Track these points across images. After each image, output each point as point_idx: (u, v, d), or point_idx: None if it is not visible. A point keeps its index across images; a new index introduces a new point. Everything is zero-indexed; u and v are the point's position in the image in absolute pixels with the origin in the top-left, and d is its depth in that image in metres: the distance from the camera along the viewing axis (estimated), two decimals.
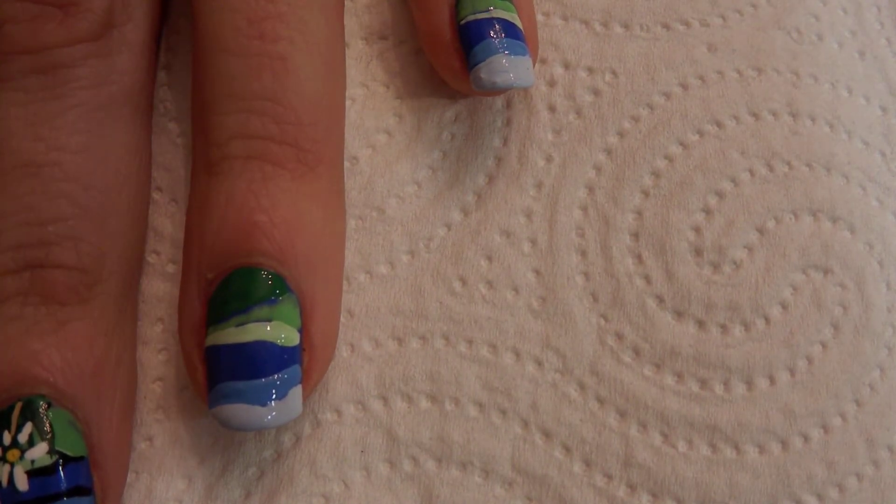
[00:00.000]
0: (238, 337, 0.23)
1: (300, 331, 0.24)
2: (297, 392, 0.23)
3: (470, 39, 0.25)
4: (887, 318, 0.27)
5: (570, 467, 0.25)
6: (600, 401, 0.26)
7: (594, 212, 0.27)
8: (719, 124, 0.28)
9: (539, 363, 0.26)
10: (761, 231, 0.27)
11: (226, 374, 0.23)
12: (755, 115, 0.28)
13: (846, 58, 0.29)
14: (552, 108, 0.28)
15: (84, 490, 0.23)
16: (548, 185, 0.28)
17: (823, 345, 0.26)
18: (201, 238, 0.24)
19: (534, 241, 0.27)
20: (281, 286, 0.23)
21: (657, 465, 0.25)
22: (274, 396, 0.23)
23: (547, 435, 0.26)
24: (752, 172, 0.27)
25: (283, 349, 0.23)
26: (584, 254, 0.27)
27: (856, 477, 0.25)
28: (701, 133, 0.28)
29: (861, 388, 0.26)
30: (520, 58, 0.25)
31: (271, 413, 0.23)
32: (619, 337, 0.26)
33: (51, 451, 0.23)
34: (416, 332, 0.26)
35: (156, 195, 0.27)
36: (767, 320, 0.26)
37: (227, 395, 0.23)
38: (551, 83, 0.28)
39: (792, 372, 0.26)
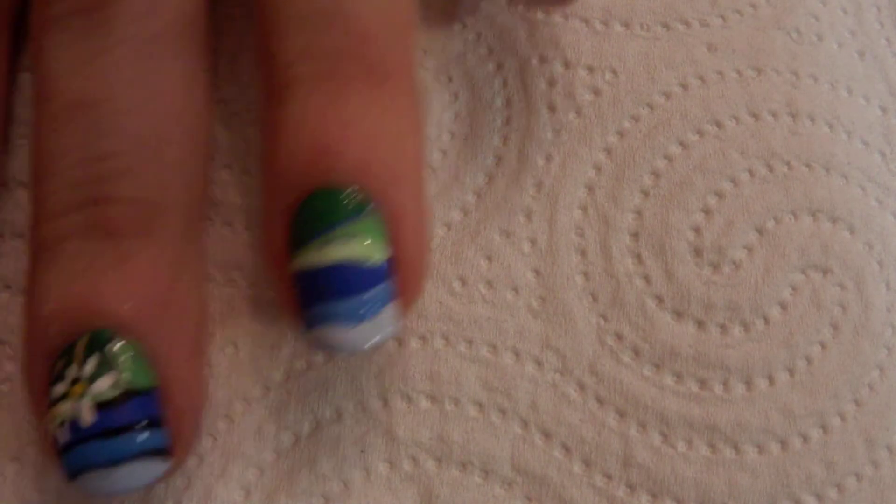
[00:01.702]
0: (323, 257, 0.22)
1: (388, 246, 0.23)
2: (390, 309, 0.23)
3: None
4: (887, 318, 0.27)
5: (569, 467, 0.26)
6: (600, 401, 0.26)
7: (594, 211, 0.27)
8: (719, 124, 0.28)
9: (539, 363, 0.26)
10: (761, 231, 0.27)
11: (315, 297, 0.22)
12: (755, 116, 0.28)
13: (846, 58, 0.29)
14: (552, 108, 0.28)
15: (154, 422, 0.22)
16: (547, 185, 0.28)
17: (823, 345, 0.26)
18: (276, 164, 0.24)
19: (533, 241, 0.27)
20: (363, 202, 0.23)
21: (656, 465, 0.25)
22: (367, 315, 0.22)
23: (546, 435, 0.26)
24: (751, 172, 0.27)
25: (372, 267, 0.23)
26: (583, 254, 0.27)
27: (855, 477, 0.26)
28: (701, 133, 0.28)
29: (860, 389, 0.26)
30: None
31: (366, 332, 0.22)
32: (619, 337, 0.26)
33: (118, 383, 0.22)
34: (415, 331, 0.26)
35: None
36: (767, 320, 0.26)
37: (320, 318, 0.22)
38: (551, 82, 0.28)
39: (791, 372, 0.26)
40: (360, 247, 0.22)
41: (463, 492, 0.25)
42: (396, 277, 0.23)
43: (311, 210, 0.23)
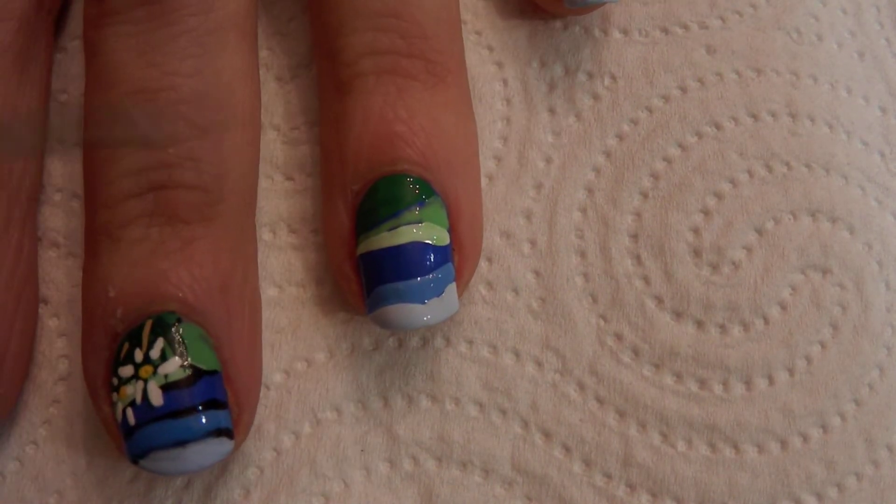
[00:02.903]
0: (392, 240, 0.24)
1: (449, 231, 0.24)
2: (452, 289, 0.24)
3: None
4: (886, 317, 0.27)
5: (569, 467, 0.25)
6: (600, 401, 0.26)
7: (593, 213, 0.27)
8: (718, 126, 0.28)
9: (539, 363, 0.26)
10: (760, 232, 0.27)
11: (384, 277, 0.24)
12: (754, 117, 0.28)
13: (845, 58, 0.29)
14: (552, 111, 0.28)
15: (220, 403, 0.23)
16: (547, 187, 0.28)
17: (822, 345, 0.26)
18: (342, 153, 0.25)
19: (533, 243, 0.27)
20: (427, 190, 0.24)
21: (656, 465, 0.25)
22: (432, 294, 0.24)
23: (547, 435, 0.26)
24: (750, 173, 0.27)
25: (436, 248, 0.24)
26: (583, 255, 0.27)
27: (855, 476, 0.25)
28: (699, 135, 0.28)
29: (860, 388, 0.26)
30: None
31: (431, 310, 0.24)
32: (619, 337, 0.26)
33: (184, 365, 0.23)
34: (416, 331, 0.26)
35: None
36: (766, 320, 0.26)
37: (387, 297, 0.24)
38: (551, 86, 0.29)
39: (791, 372, 0.26)
40: (427, 231, 0.24)
41: (463, 491, 0.25)
42: (455, 259, 0.25)
43: (381, 195, 0.24)
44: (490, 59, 0.29)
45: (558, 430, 0.26)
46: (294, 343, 0.26)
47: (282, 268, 0.27)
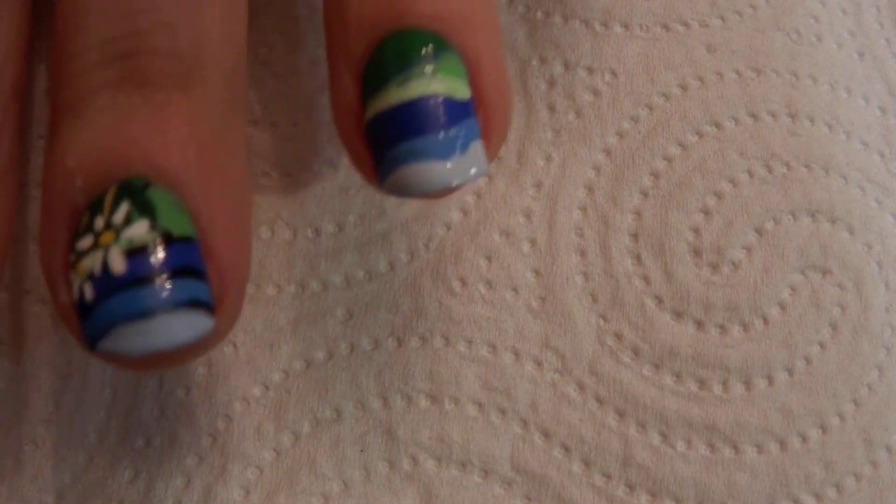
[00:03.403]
0: (403, 94, 0.21)
1: (469, 87, 0.22)
2: (478, 146, 0.21)
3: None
4: (886, 318, 0.27)
5: (569, 467, 0.26)
6: (599, 401, 0.26)
7: (593, 212, 0.27)
8: (718, 125, 0.28)
9: (538, 363, 0.26)
10: (760, 232, 0.27)
11: (398, 136, 0.21)
12: (754, 116, 0.28)
13: (845, 58, 0.29)
14: (552, 108, 0.28)
15: (195, 272, 0.20)
16: (547, 185, 0.28)
17: (822, 345, 0.26)
18: (344, 14, 0.22)
19: (533, 241, 0.27)
20: (440, 43, 0.21)
21: (656, 465, 0.25)
22: (455, 151, 0.21)
23: (546, 435, 0.26)
24: (750, 173, 0.27)
25: (455, 101, 0.21)
26: (583, 254, 0.27)
27: (854, 477, 0.26)
28: (700, 134, 0.28)
29: (859, 389, 0.26)
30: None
31: (455, 168, 0.21)
32: (619, 337, 0.26)
33: (153, 228, 0.19)
34: (415, 331, 0.26)
35: None
36: (766, 321, 0.26)
37: (403, 158, 0.21)
38: (551, 82, 0.29)
39: (790, 372, 0.26)
40: (442, 82, 0.21)
41: (463, 491, 0.25)
42: (480, 117, 0.22)
43: (388, 53, 0.21)
44: None
45: (558, 429, 0.26)
46: (293, 343, 0.26)
47: (280, 266, 0.27)
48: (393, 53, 0.21)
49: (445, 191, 0.21)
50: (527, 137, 0.28)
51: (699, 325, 0.26)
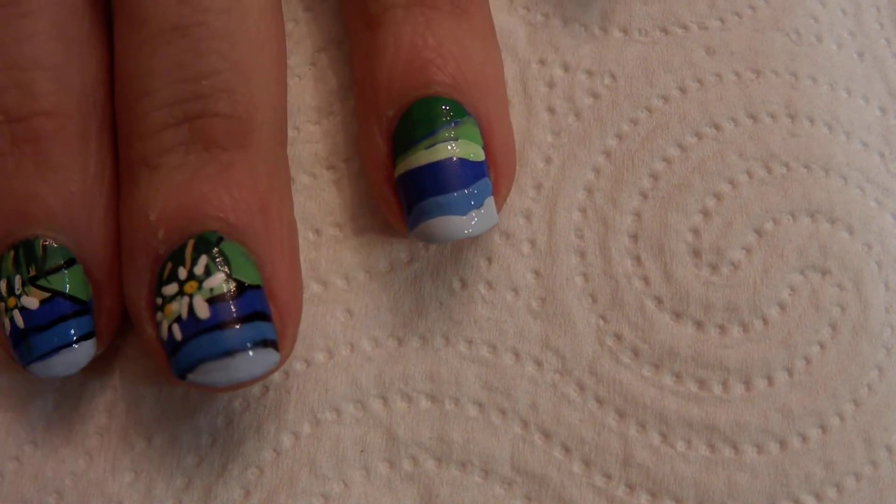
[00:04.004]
0: (430, 157, 0.25)
1: (483, 149, 0.25)
2: (491, 202, 0.25)
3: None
4: (885, 318, 0.27)
5: (569, 467, 0.26)
6: (599, 401, 0.26)
7: (593, 213, 0.27)
8: (717, 127, 0.28)
9: (538, 363, 0.26)
10: (759, 232, 0.27)
11: (425, 193, 0.25)
12: (753, 118, 0.28)
13: (845, 59, 0.29)
14: (551, 110, 0.28)
15: (264, 315, 0.24)
16: (547, 187, 0.28)
17: (821, 345, 0.26)
18: (375, 81, 0.26)
19: (533, 242, 0.27)
20: (459, 110, 0.25)
21: (656, 465, 0.25)
22: (473, 206, 0.24)
23: (546, 435, 0.26)
24: (750, 174, 0.27)
25: (473, 163, 0.25)
26: (583, 255, 0.27)
27: (854, 477, 0.26)
28: (699, 135, 0.28)
29: (859, 389, 0.26)
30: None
31: (473, 221, 0.24)
32: (618, 337, 0.26)
33: (228, 279, 0.23)
34: (416, 331, 0.26)
35: None
36: (765, 321, 0.26)
37: (429, 212, 0.24)
38: (551, 85, 0.29)
39: (790, 372, 0.26)
40: (463, 147, 0.25)
41: (463, 492, 0.25)
42: (492, 175, 0.26)
43: (416, 118, 0.25)
44: None
45: (558, 430, 0.26)
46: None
47: None
48: (421, 118, 0.25)
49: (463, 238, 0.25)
50: (527, 139, 0.28)
51: (699, 325, 0.26)
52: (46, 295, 0.24)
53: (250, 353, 0.23)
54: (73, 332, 0.24)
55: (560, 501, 0.25)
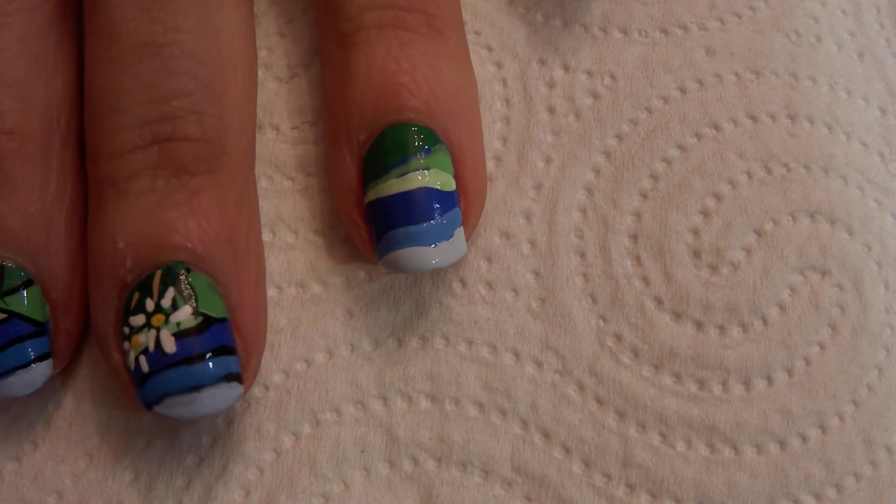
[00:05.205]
0: (402, 186, 0.24)
1: (454, 178, 0.25)
2: (460, 232, 0.25)
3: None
4: (885, 318, 0.27)
5: (569, 467, 0.26)
6: (599, 401, 0.26)
7: (593, 214, 0.27)
8: (717, 127, 0.28)
9: (538, 364, 0.26)
10: (759, 233, 0.27)
11: (394, 222, 0.24)
12: (753, 118, 0.28)
13: (845, 59, 0.29)
14: (552, 110, 0.28)
15: (229, 349, 0.24)
16: (547, 187, 0.28)
17: (821, 346, 0.26)
18: (347, 104, 0.26)
19: (533, 243, 0.27)
20: (432, 138, 0.25)
21: (656, 466, 0.25)
22: (441, 237, 0.24)
23: (546, 435, 0.26)
24: (749, 175, 0.27)
25: (444, 193, 0.25)
26: (583, 255, 0.27)
27: (854, 477, 0.26)
28: (699, 136, 0.28)
29: (859, 389, 0.26)
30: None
31: (440, 252, 0.24)
32: (618, 338, 0.26)
33: (195, 313, 0.23)
34: (416, 332, 0.26)
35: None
36: (765, 321, 0.26)
37: (399, 241, 0.24)
38: (551, 85, 0.29)
39: (790, 373, 0.26)
40: (434, 177, 0.25)
41: (463, 492, 0.25)
42: (462, 205, 0.25)
43: (388, 143, 0.25)
44: (489, 58, 0.29)
45: (558, 430, 0.26)
46: (293, 344, 0.26)
47: (281, 268, 0.27)
48: (393, 145, 0.25)
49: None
50: (527, 139, 0.28)
51: (699, 325, 0.26)
52: (3, 316, 0.24)
53: (216, 388, 0.23)
54: (30, 352, 0.24)
55: (560, 501, 0.25)
